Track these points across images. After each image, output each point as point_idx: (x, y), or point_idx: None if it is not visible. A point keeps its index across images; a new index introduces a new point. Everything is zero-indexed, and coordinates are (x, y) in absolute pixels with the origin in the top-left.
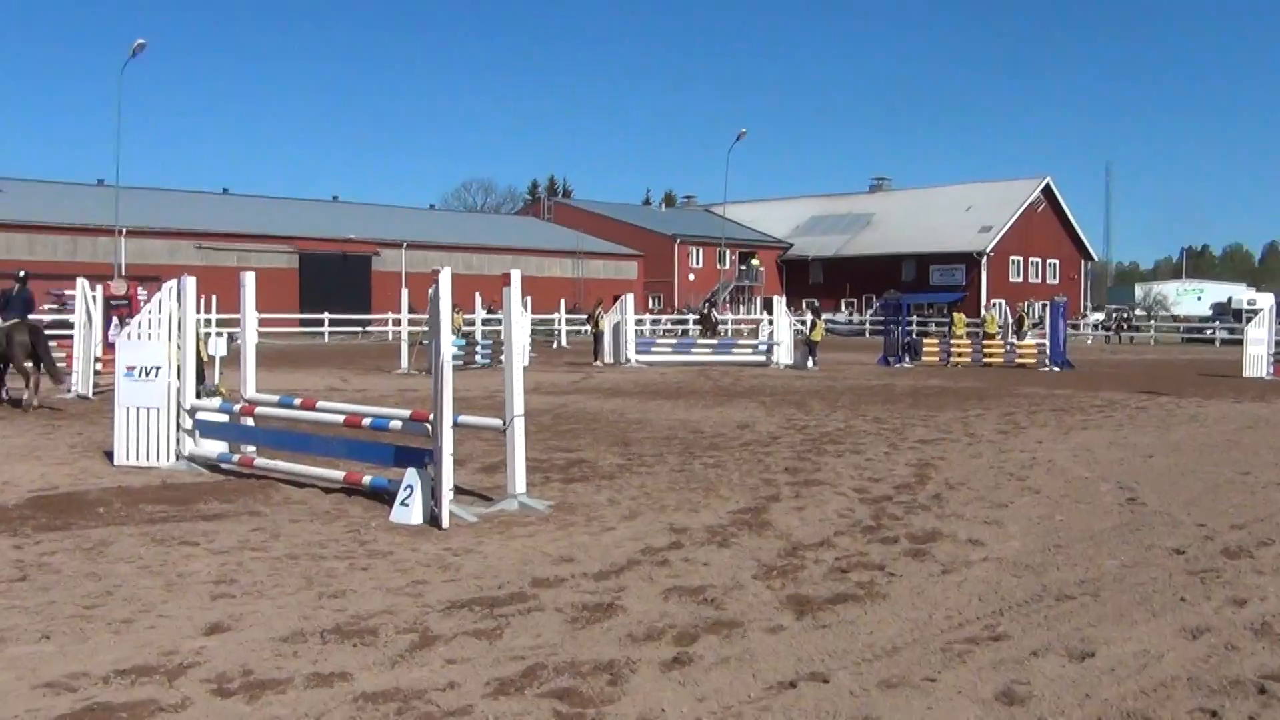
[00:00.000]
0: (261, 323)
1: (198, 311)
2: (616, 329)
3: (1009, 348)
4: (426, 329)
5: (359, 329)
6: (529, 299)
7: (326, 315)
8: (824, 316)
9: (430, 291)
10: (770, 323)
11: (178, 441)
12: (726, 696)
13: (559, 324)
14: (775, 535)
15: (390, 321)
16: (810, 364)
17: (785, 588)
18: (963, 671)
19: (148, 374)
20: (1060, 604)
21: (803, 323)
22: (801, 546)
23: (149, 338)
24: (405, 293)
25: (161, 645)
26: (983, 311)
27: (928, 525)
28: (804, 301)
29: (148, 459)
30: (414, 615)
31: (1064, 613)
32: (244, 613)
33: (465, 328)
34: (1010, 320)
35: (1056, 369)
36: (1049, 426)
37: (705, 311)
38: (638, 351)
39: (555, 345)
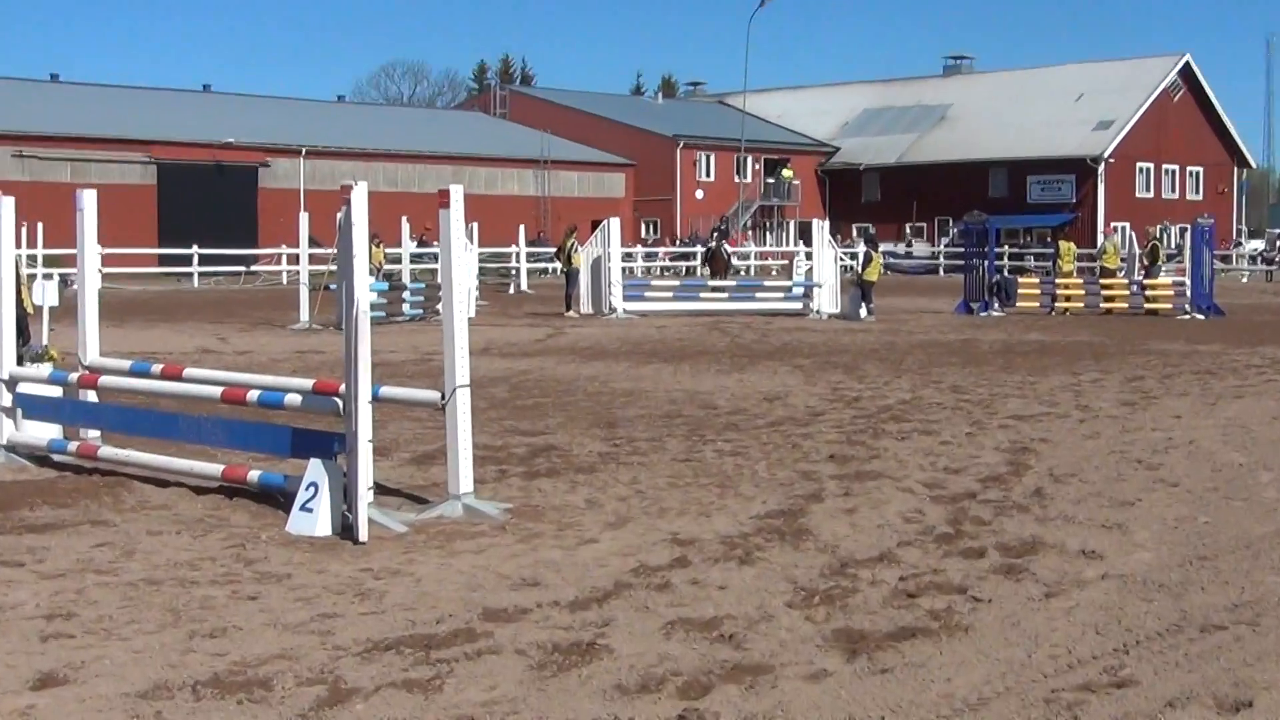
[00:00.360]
0: (106, 260)
1: (17, 245)
2: (597, 267)
3: (1136, 288)
4: (334, 268)
5: (241, 269)
6: (476, 226)
7: (196, 250)
8: (882, 248)
9: (339, 217)
10: (808, 257)
11: None
12: None
13: (518, 260)
14: (817, 547)
15: (284, 259)
16: (864, 313)
17: (831, 619)
18: None
19: None
20: (1206, 636)
21: (853, 256)
22: (853, 562)
23: None
24: (304, 219)
25: None
26: (1099, 239)
27: (1025, 532)
28: (855, 228)
29: None
30: (321, 661)
31: (1211, 648)
32: (86, 659)
33: (388, 266)
34: (1138, 251)
35: (1200, 316)
36: (1190, 395)
37: (714, 245)
38: (627, 298)
39: (513, 289)
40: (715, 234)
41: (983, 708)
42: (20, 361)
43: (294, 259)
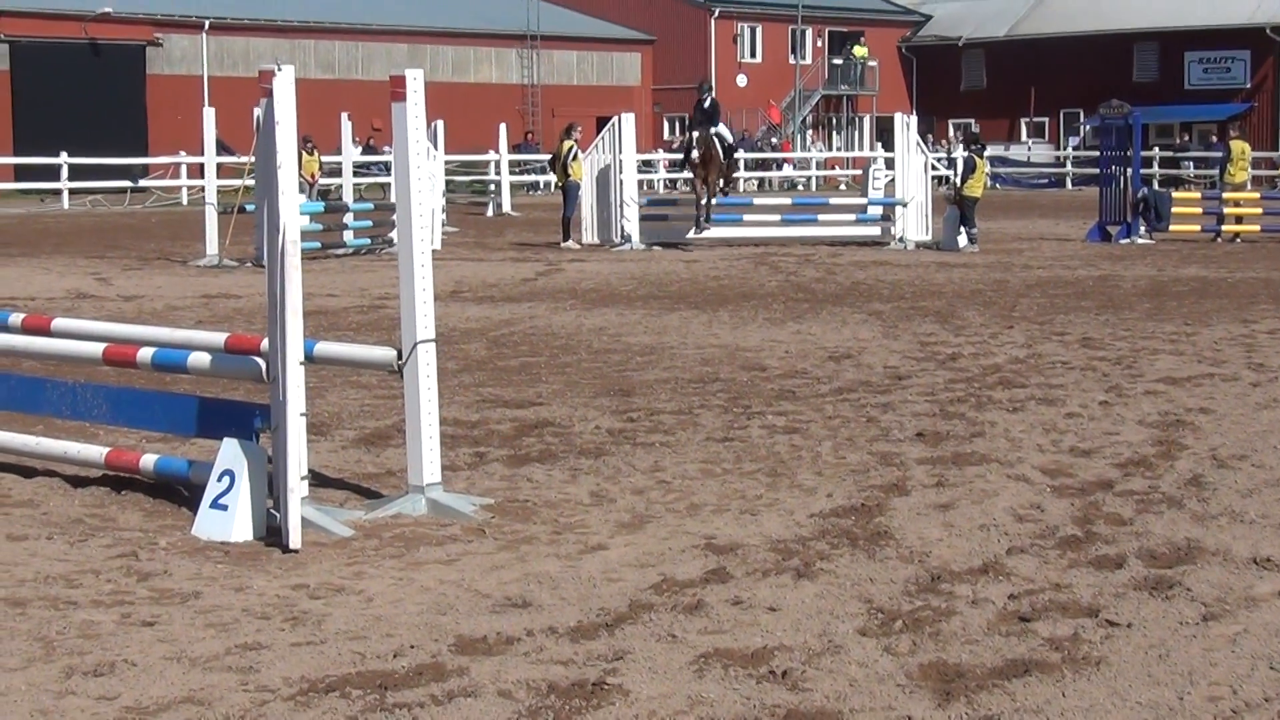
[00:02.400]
0: None
1: None
2: (605, 180)
3: None
4: (251, 183)
5: (126, 185)
6: (441, 125)
7: (65, 159)
8: (989, 152)
9: (258, 114)
10: (889, 165)
11: None
12: None
13: (497, 171)
14: (900, 555)
15: (183, 171)
16: (963, 240)
17: (918, 651)
18: None
19: None
20: None
21: (950, 164)
22: (948, 575)
23: None
24: (210, 116)
25: None
26: None
27: (1178, 534)
28: (952, 125)
29: None
30: (241, 706)
31: None
32: None
33: (325, 181)
34: None
35: None
36: None
37: (697, 134)
38: (645, 221)
39: (492, 210)
40: (697, 133)
41: None
42: None
43: (196, 171)
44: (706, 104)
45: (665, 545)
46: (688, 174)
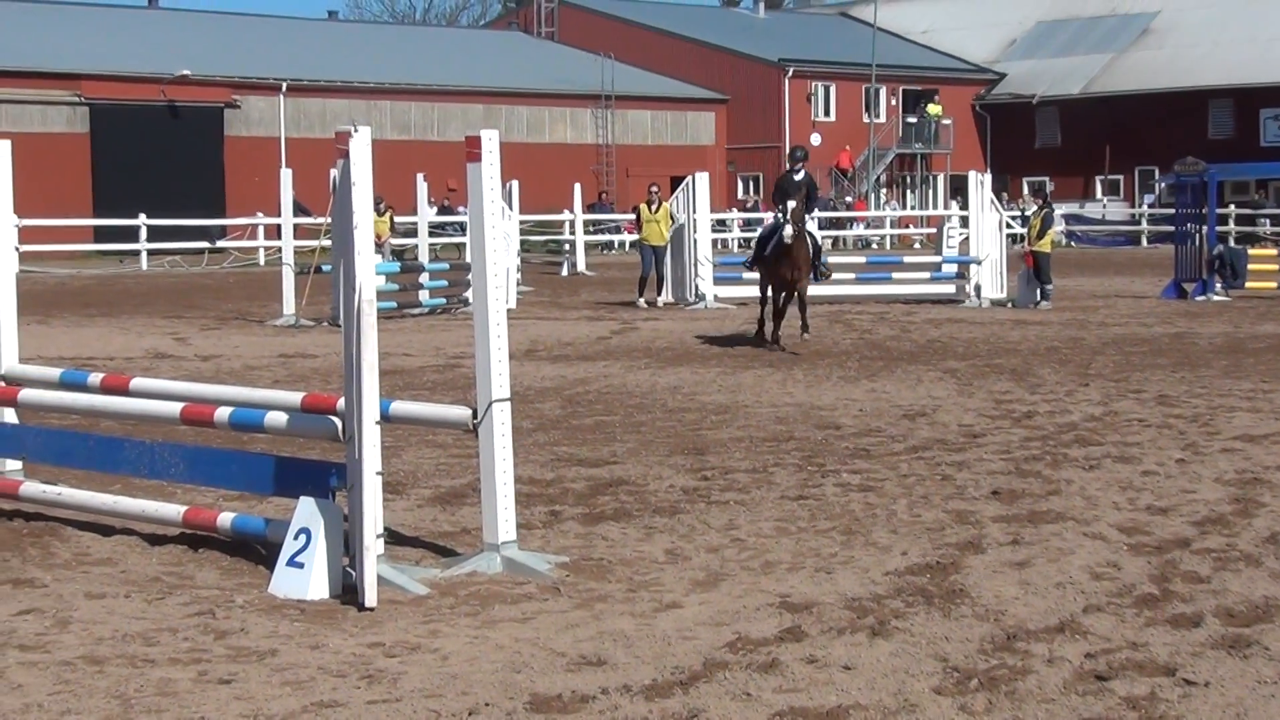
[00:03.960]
0: (25, 235)
1: None
2: (679, 239)
3: None
4: (328, 244)
5: (204, 245)
6: (516, 185)
7: (144, 220)
8: (1060, 210)
9: (335, 174)
10: (964, 223)
11: None
12: None
13: (573, 231)
14: (976, 614)
15: (260, 232)
16: (1039, 298)
17: (994, 710)
18: None
19: None
20: None
21: (1023, 220)
22: (1024, 633)
23: None
24: (287, 177)
25: None
26: None
27: (1256, 592)
28: (1026, 182)
29: None
30: None
31: None
32: None
33: (399, 242)
34: None
35: None
36: None
37: (784, 238)
38: (719, 280)
39: (567, 270)
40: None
41: None
42: None
43: (274, 232)
44: (799, 175)
45: (740, 603)
46: (755, 276)
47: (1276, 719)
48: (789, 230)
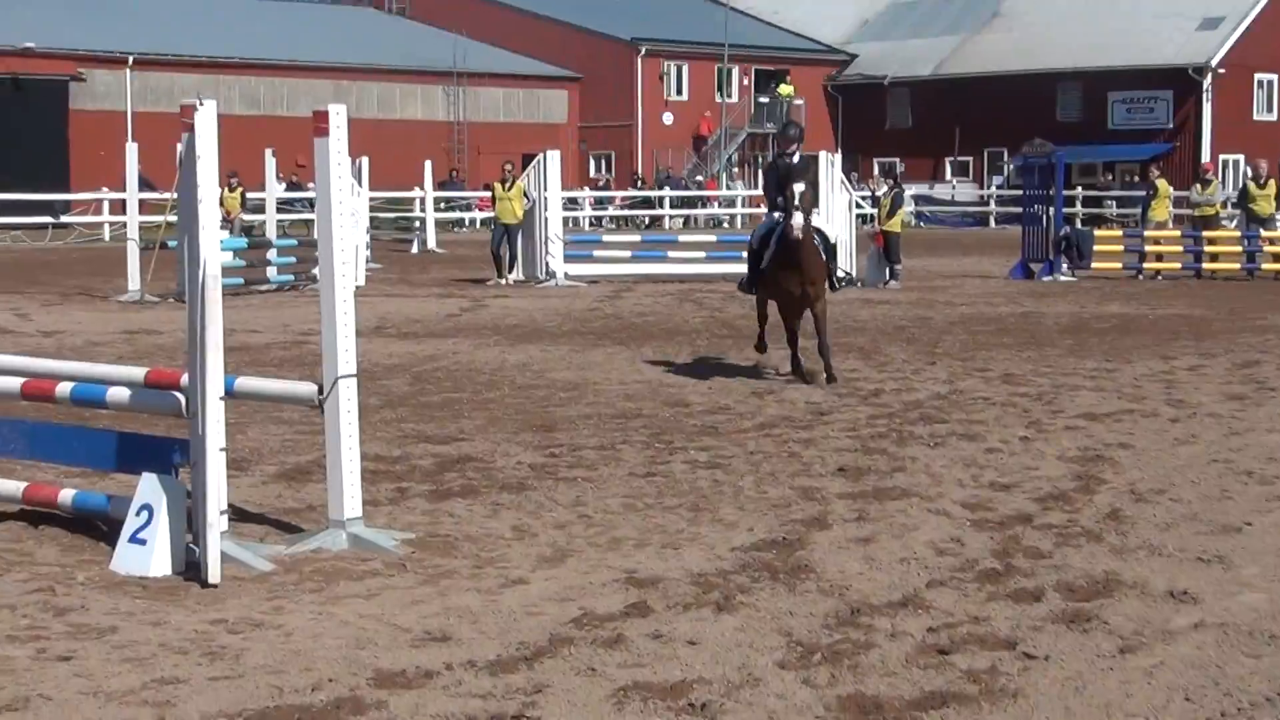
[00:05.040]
0: None
1: None
2: (529, 217)
3: (1250, 242)
4: (174, 219)
5: (46, 220)
6: (366, 161)
7: None
8: (911, 191)
9: (180, 148)
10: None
11: None
12: None
13: (423, 208)
14: (820, 589)
15: (105, 207)
16: (888, 278)
17: (837, 683)
18: None
19: None
20: None
21: (873, 202)
22: (867, 609)
23: None
24: (133, 151)
25: None
26: (1200, 178)
27: (1096, 567)
28: (877, 163)
29: None
30: None
31: None
32: None
33: (247, 217)
34: (1252, 192)
35: None
36: None
37: (788, 243)
38: (569, 258)
39: (418, 247)
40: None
41: None
42: None
43: (119, 207)
44: (795, 157)
45: (586, 579)
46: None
47: (1114, 692)
48: (797, 220)
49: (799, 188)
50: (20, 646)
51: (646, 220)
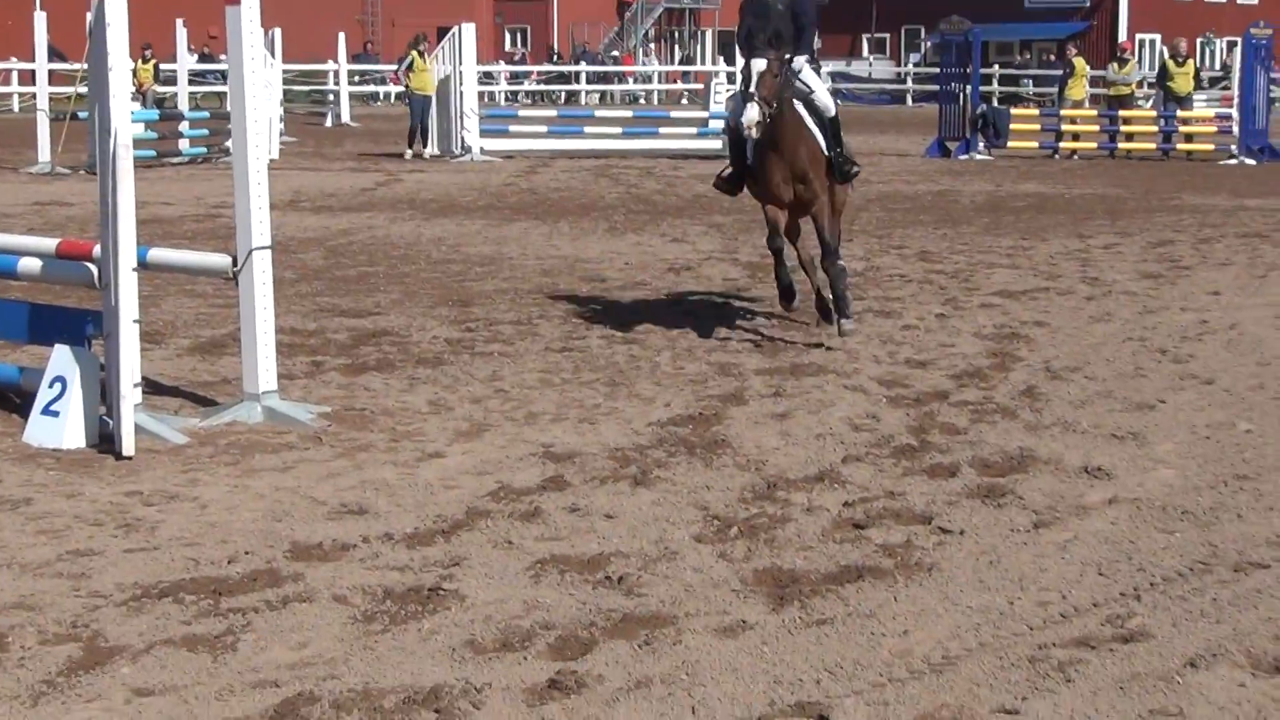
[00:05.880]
0: None
1: None
2: (444, 91)
3: (1165, 122)
4: (84, 90)
5: None
6: (278, 33)
7: None
8: (827, 68)
9: (91, 17)
10: (730, 80)
11: None
12: None
13: (336, 81)
14: (736, 464)
15: (14, 77)
16: None
17: (753, 557)
18: (1067, 697)
19: None
20: (1241, 578)
21: None
22: (784, 483)
23: None
24: (41, 20)
25: None
26: (1117, 57)
27: (1011, 444)
28: None
29: None
30: (73, 612)
31: (1247, 593)
32: None
33: (159, 89)
34: (1171, 70)
35: (1250, 161)
36: (1233, 266)
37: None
38: (485, 133)
39: (330, 120)
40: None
41: (949, 668)
42: None
43: (28, 77)
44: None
45: (503, 453)
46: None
47: (1029, 566)
48: (749, 116)
49: (759, 65)
50: None
51: (563, 96)
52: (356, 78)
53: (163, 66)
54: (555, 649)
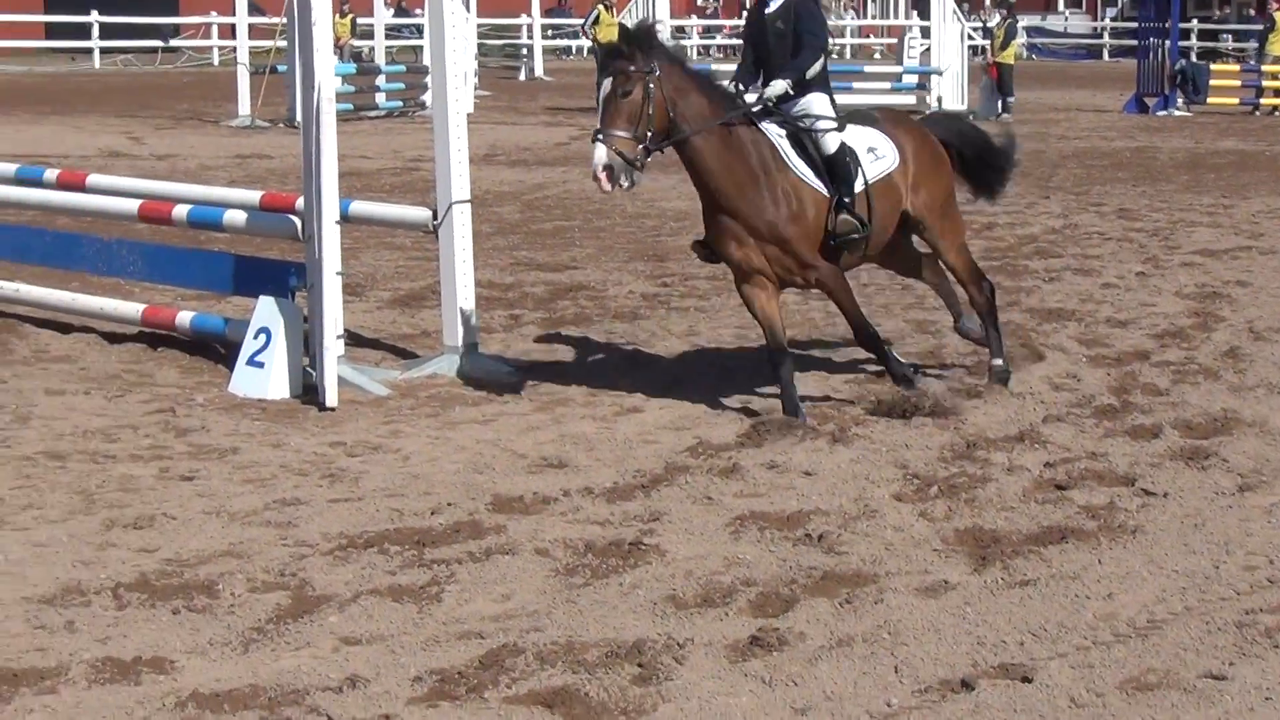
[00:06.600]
0: None
1: None
2: None
3: None
4: (284, 44)
5: (157, 44)
6: None
7: (96, 18)
8: (1023, 21)
9: None
10: (924, 34)
11: None
12: (848, 705)
13: (530, 36)
14: (936, 422)
15: (215, 30)
16: (1000, 110)
17: (954, 516)
18: (1275, 663)
19: None
20: None
21: (985, 33)
22: (984, 442)
23: None
24: None
25: None
26: None
27: (1214, 405)
28: None
29: None
30: (280, 561)
31: None
32: None
33: (357, 44)
34: None
35: None
36: None
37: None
38: None
39: (524, 75)
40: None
41: (1154, 633)
42: None
43: (228, 31)
44: (774, 5)
45: (701, 409)
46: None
47: (1234, 529)
48: (599, 157)
49: (604, 87)
50: (144, 465)
51: None
52: (550, 31)
53: (359, 21)
54: (756, 605)
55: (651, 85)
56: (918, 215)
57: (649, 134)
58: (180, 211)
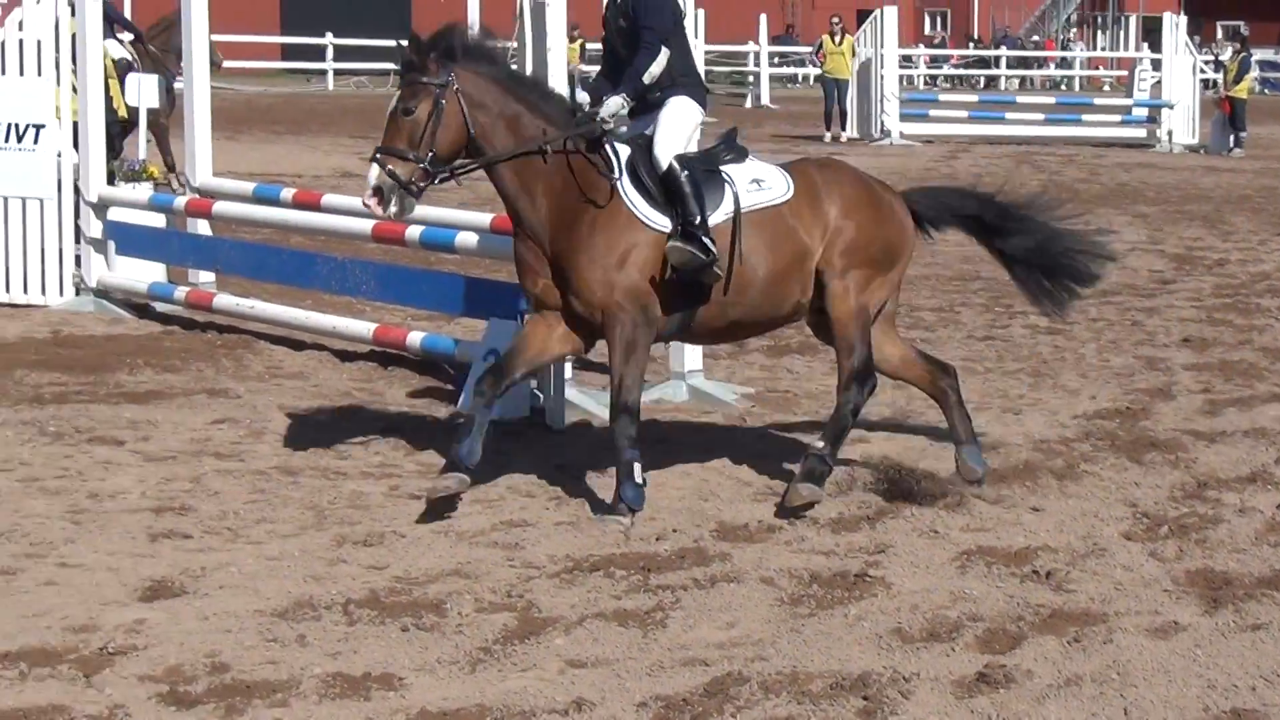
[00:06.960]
0: (220, 51)
1: (110, 31)
2: (865, 75)
3: None
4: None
5: (389, 67)
6: (701, 14)
7: (330, 40)
8: (1256, 56)
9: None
10: (1155, 66)
11: (76, 261)
12: None
13: (758, 63)
14: (1166, 460)
15: None
16: (1232, 145)
17: (1184, 557)
18: None
19: (18, 137)
20: None
21: (1217, 66)
22: (1215, 483)
23: (15, 74)
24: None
25: (69, 616)
26: None
27: None
28: (1221, 26)
29: (24, 291)
30: (508, 580)
31: None
32: (207, 565)
33: (584, 68)
34: None
35: None
36: None
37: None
38: (904, 117)
39: (751, 102)
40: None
41: None
42: (111, 180)
43: None
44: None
45: (927, 441)
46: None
47: None
48: (370, 177)
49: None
50: (374, 483)
51: (982, 80)
52: (776, 59)
53: (589, 46)
54: (983, 641)
55: (444, 101)
56: (825, 263)
57: (430, 155)
58: (413, 232)
